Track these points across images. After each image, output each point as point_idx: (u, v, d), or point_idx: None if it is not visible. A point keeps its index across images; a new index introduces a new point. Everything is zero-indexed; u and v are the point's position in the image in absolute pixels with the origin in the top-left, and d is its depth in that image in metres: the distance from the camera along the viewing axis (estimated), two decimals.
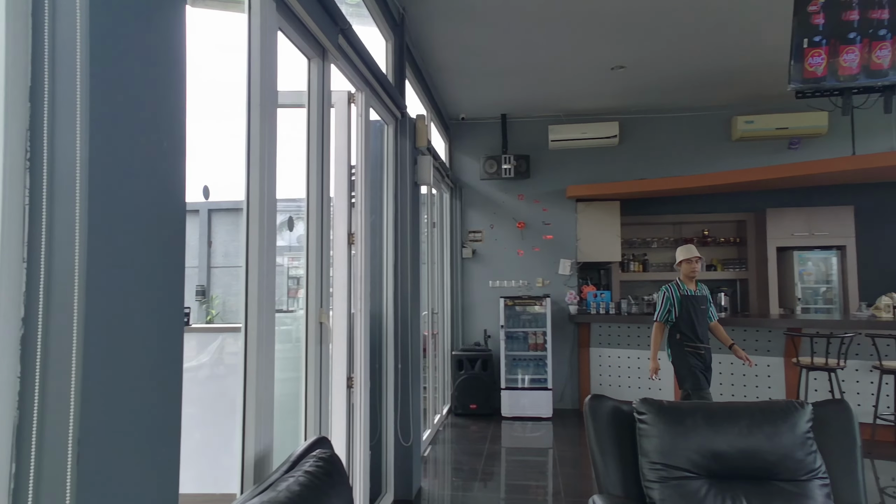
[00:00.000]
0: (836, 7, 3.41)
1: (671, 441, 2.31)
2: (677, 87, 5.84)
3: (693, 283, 4.40)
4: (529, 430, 5.76)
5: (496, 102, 6.33)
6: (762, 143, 6.27)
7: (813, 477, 2.21)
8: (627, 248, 7.26)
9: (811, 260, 6.71)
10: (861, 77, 3.43)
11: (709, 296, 4.44)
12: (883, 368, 4.68)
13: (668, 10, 4.15)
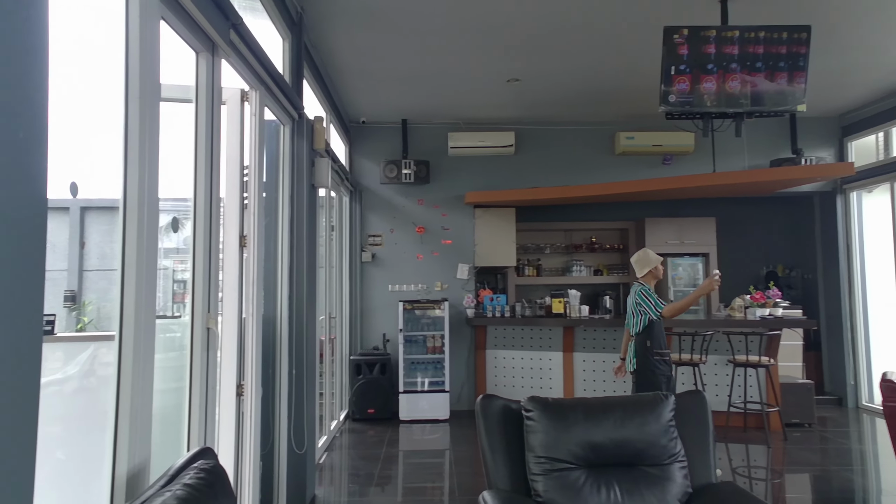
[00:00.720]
0: (697, 40, 3.82)
1: (555, 436, 2.46)
2: (568, 102, 6.22)
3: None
4: (427, 432, 5.84)
5: (397, 107, 6.38)
6: (641, 157, 6.84)
7: (674, 461, 2.45)
8: (522, 254, 7.60)
9: (682, 265, 7.41)
10: (718, 103, 3.87)
11: None
12: (735, 362, 5.28)
13: (557, 31, 4.42)
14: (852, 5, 4.10)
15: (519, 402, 2.58)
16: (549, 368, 6.18)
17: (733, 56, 3.81)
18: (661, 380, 3.96)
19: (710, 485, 2.51)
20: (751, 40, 3.82)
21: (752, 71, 3.85)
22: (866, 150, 6.66)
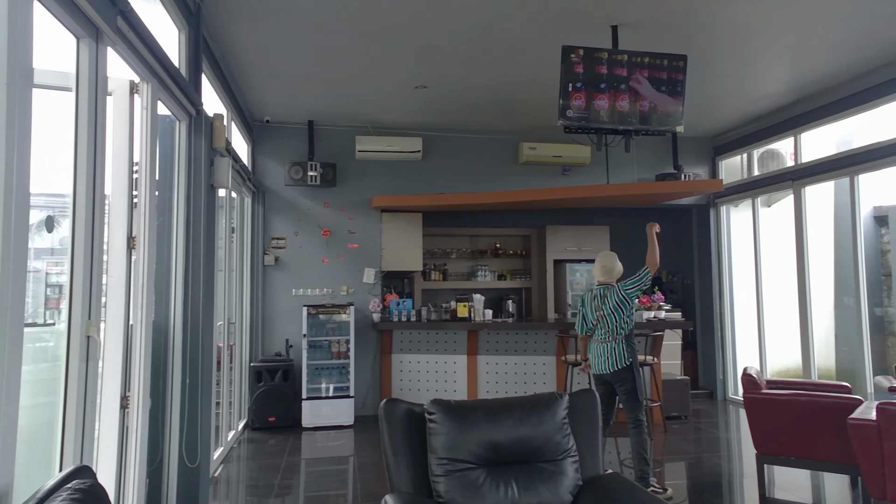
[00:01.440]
0: (592, 61, 4.10)
1: (456, 437, 2.52)
2: (475, 111, 6.39)
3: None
4: (331, 439, 5.74)
5: (304, 108, 6.24)
6: (543, 167, 7.17)
7: (567, 456, 2.60)
8: (429, 258, 7.69)
9: (579, 271, 7.85)
10: (610, 120, 4.17)
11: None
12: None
13: (463, 42, 4.55)
14: (722, 40, 4.58)
15: (422, 406, 2.61)
16: (454, 372, 6.30)
17: (623, 78, 4.13)
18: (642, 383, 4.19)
19: (597, 476, 2.68)
20: (637, 64, 4.16)
21: (638, 93, 4.18)
22: (734, 169, 7.44)
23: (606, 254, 4.36)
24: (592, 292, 4.27)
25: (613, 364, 4.05)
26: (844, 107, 5.62)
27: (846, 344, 6.14)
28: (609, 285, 4.20)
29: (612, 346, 4.06)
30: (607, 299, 4.12)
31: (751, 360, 6.93)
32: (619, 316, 4.07)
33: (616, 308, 4.08)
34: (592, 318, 4.20)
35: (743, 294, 7.23)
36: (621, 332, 4.07)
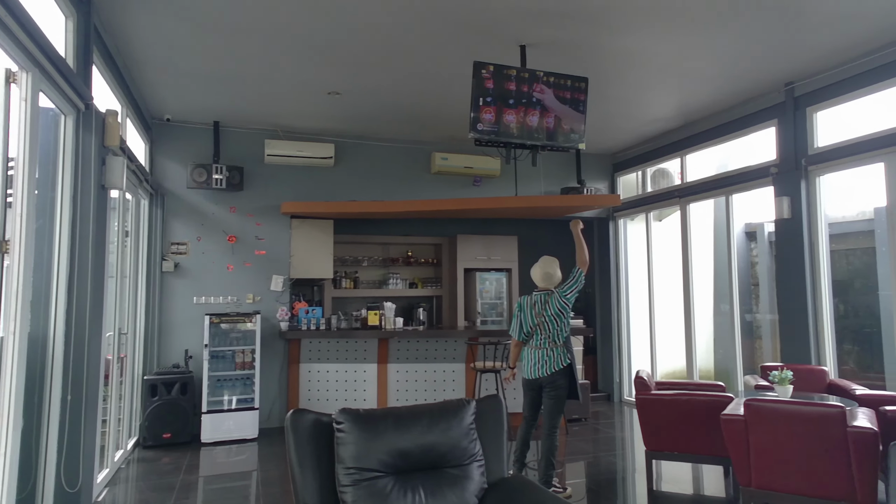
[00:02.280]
0: (501, 77, 4.28)
1: (365, 446, 2.51)
2: (388, 120, 6.42)
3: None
4: (233, 454, 5.48)
5: (209, 107, 5.96)
6: (454, 178, 7.32)
7: (473, 460, 2.67)
8: (340, 266, 7.58)
9: (488, 280, 8.07)
10: (518, 135, 4.36)
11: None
12: None
13: (376, 50, 4.57)
14: (618, 67, 4.94)
15: (331, 416, 2.58)
16: (364, 380, 6.24)
17: (530, 95, 4.34)
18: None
19: (502, 479, 2.77)
20: (543, 83, 4.39)
21: (544, 111, 4.40)
22: (631, 185, 8.00)
23: (547, 260, 4.32)
24: (532, 297, 4.21)
25: (550, 367, 4.03)
26: (722, 133, 6.23)
27: (722, 347, 6.78)
28: (549, 291, 4.18)
29: (549, 351, 4.05)
30: (549, 305, 4.11)
31: (644, 363, 7.46)
32: (560, 321, 4.09)
33: (557, 313, 4.08)
34: (532, 323, 4.13)
35: (638, 302, 7.77)
36: (561, 336, 4.08)
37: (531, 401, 4.22)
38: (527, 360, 4.17)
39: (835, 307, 5.26)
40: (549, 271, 4.24)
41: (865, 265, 6.00)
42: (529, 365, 4.15)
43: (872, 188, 4.86)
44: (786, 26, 4.25)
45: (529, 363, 4.15)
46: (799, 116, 5.31)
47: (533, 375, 4.12)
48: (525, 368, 4.20)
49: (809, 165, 5.21)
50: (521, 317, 4.21)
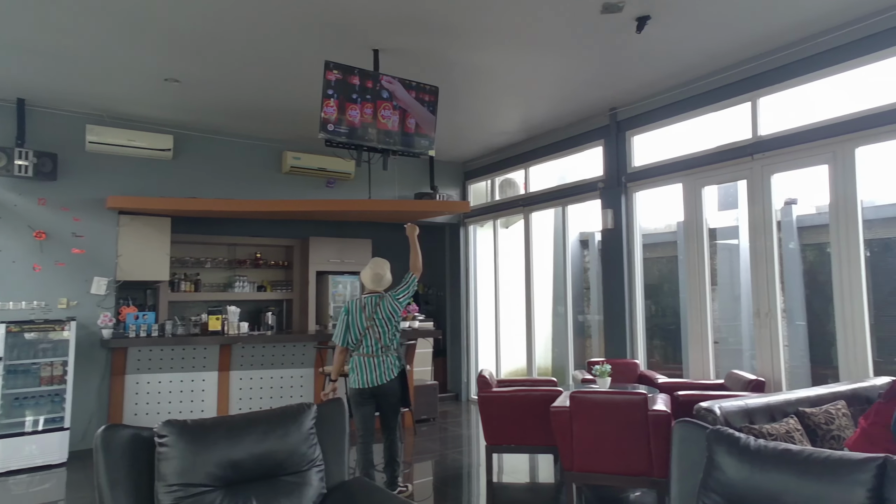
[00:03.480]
0: (353, 78, 4.28)
1: (192, 460, 2.33)
2: (234, 114, 6.06)
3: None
4: (34, 483, 4.75)
5: (9, 81, 5.13)
6: (307, 178, 7.13)
7: (312, 466, 2.61)
8: (179, 267, 6.98)
9: (342, 283, 7.96)
10: (368, 139, 4.37)
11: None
12: None
13: (221, 40, 4.30)
14: (468, 79, 5.19)
15: (152, 429, 2.36)
16: (203, 390, 5.79)
17: (382, 99, 4.38)
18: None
19: (342, 483, 2.75)
20: (395, 88, 4.46)
21: (395, 115, 4.48)
22: (481, 192, 8.43)
23: (377, 261, 4.18)
24: (360, 301, 4.00)
25: (387, 374, 3.89)
26: (560, 148, 6.83)
27: (558, 346, 7.40)
28: (379, 294, 4.04)
29: (382, 358, 3.90)
30: (380, 308, 3.95)
31: (490, 363, 7.88)
32: (391, 325, 3.95)
33: (389, 317, 3.95)
34: (362, 327, 3.93)
35: (486, 305, 8.19)
36: (393, 341, 3.96)
37: (366, 413, 3.96)
38: (358, 368, 3.92)
39: (647, 308, 6.02)
40: (379, 272, 4.09)
41: (671, 271, 6.97)
42: (362, 374, 3.89)
43: (676, 205, 5.64)
44: (609, 58, 4.78)
45: (361, 372, 3.90)
46: (620, 138, 6.01)
47: (366, 384, 3.88)
48: (355, 378, 3.93)
49: (628, 182, 5.92)
50: (349, 321, 3.96)
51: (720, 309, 6.28)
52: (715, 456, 2.20)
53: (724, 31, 4.33)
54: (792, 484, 1.95)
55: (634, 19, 4.06)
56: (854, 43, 4.17)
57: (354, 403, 3.94)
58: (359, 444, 3.98)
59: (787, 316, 5.94)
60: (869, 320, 4.15)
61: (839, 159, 4.28)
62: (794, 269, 6.09)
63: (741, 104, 4.94)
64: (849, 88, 4.36)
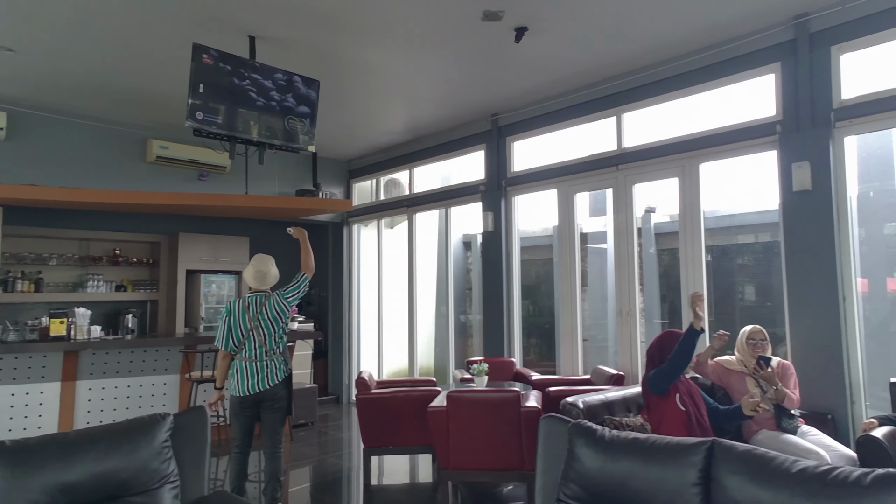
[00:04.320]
0: (226, 65, 3.98)
1: (9, 487, 2.03)
2: (87, 94, 5.43)
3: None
4: None
5: None
6: (176, 169, 6.57)
7: (164, 483, 2.39)
8: (15, 264, 6.13)
9: (216, 282, 7.45)
10: (242, 130, 4.11)
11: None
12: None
13: (68, 6, 3.82)
14: (352, 76, 5.08)
15: None
16: (40, 404, 5.09)
17: (257, 88, 4.13)
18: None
19: (201, 498, 2.55)
20: (272, 78, 4.24)
21: (272, 107, 4.25)
22: (366, 191, 8.31)
23: (260, 258, 3.86)
24: (245, 300, 3.70)
25: (272, 379, 3.64)
26: (445, 150, 6.92)
27: (440, 345, 7.50)
28: (265, 293, 3.77)
29: (266, 362, 3.64)
30: (266, 308, 3.67)
31: (372, 364, 7.79)
32: (277, 326, 3.70)
33: (276, 318, 3.69)
34: (245, 329, 3.64)
35: (369, 305, 8.08)
36: (279, 344, 3.72)
37: (246, 422, 3.67)
38: (239, 374, 3.62)
39: (525, 308, 6.27)
40: (262, 269, 3.80)
41: (547, 273, 7.34)
42: (242, 380, 3.60)
43: (553, 209, 5.93)
44: (491, 65, 4.92)
45: (242, 378, 3.61)
46: (501, 144, 6.22)
47: (249, 391, 3.59)
48: (235, 385, 3.61)
49: (508, 186, 6.13)
50: (231, 322, 3.65)
51: (590, 308, 6.73)
52: (575, 448, 2.32)
53: (593, 50, 4.63)
54: (638, 469, 2.10)
55: (513, 29, 4.20)
56: (701, 69, 4.64)
57: (233, 413, 3.68)
58: (234, 455, 3.72)
59: (646, 315, 6.49)
60: (709, 317, 4.64)
61: (687, 173, 4.76)
62: (652, 272, 6.68)
63: (608, 118, 5.32)
64: (696, 110, 4.85)
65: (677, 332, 3.44)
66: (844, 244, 3.91)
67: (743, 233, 6.45)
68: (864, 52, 3.95)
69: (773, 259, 5.57)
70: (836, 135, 3.96)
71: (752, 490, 1.82)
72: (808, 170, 3.98)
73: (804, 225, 4.03)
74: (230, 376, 3.70)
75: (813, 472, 1.72)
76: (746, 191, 5.64)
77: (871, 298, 4.75)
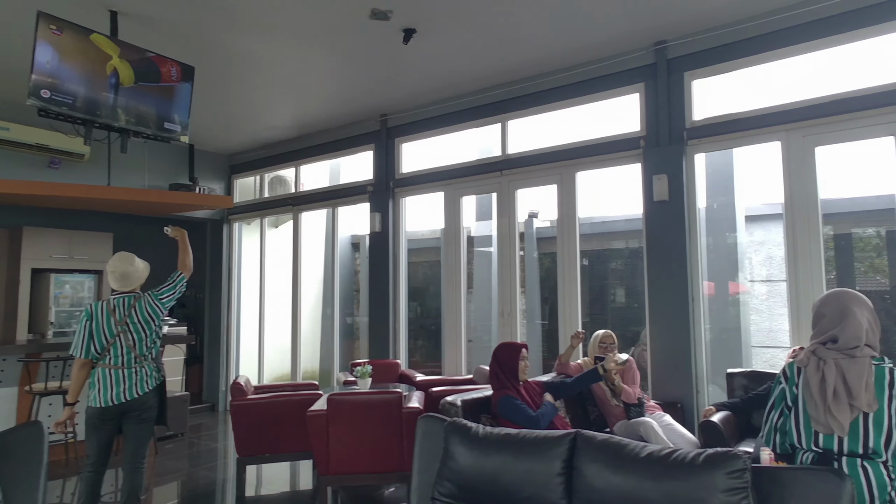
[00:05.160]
0: (81, 42, 3.55)
1: None
2: None
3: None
4: None
5: None
6: (21, 154, 5.80)
7: None
8: None
9: (70, 283, 6.68)
10: (100, 114, 3.71)
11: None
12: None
13: None
14: (235, 65, 4.80)
15: None
16: None
17: (120, 69, 3.75)
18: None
19: None
20: (138, 61, 3.88)
21: (136, 92, 3.89)
22: (249, 188, 7.90)
23: (121, 256, 3.51)
24: (109, 303, 3.37)
25: (140, 388, 3.33)
26: (333, 149, 6.75)
27: (325, 348, 7.30)
28: (133, 294, 3.45)
29: (135, 369, 3.34)
30: (136, 310, 3.38)
31: (252, 369, 7.41)
32: (150, 330, 3.41)
33: (147, 321, 3.39)
34: (110, 334, 3.31)
35: (250, 307, 7.68)
36: (152, 349, 3.43)
37: (105, 436, 3.32)
38: (102, 383, 3.30)
39: (412, 309, 6.30)
40: (125, 270, 3.46)
41: (435, 274, 7.43)
42: (106, 389, 3.28)
43: (440, 212, 6.00)
44: (380, 65, 4.89)
45: (106, 387, 3.28)
46: (390, 144, 6.20)
47: (113, 401, 3.27)
48: (96, 395, 3.28)
49: (396, 188, 6.13)
50: (93, 327, 3.31)
51: (476, 310, 6.91)
52: (450, 446, 2.35)
53: (480, 57, 4.76)
54: (509, 463, 2.17)
55: (402, 30, 4.21)
56: (578, 84, 4.95)
57: (91, 426, 3.32)
58: (86, 474, 3.32)
59: (528, 316, 6.80)
60: (582, 318, 4.95)
61: (564, 181, 5.05)
62: (534, 275, 7.01)
63: (494, 124, 5.50)
64: (575, 121, 5.17)
65: (509, 344, 3.54)
66: (694, 250, 4.35)
67: (616, 238, 6.97)
68: (713, 80, 4.44)
69: (639, 263, 6.09)
70: (688, 151, 4.41)
71: (608, 476, 1.95)
72: (666, 182, 4.39)
73: (662, 232, 4.43)
74: (90, 385, 3.34)
75: (658, 456, 1.88)
76: (619, 199, 6.10)
77: (715, 300, 5.35)
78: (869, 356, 2.01)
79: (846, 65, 3.97)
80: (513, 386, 3.35)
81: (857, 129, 3.80)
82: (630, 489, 1.88)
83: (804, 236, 3.93)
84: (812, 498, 1.71)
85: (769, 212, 5.50)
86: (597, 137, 4.88)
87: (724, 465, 1.76)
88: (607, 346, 3.94)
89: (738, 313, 5.43)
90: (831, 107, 3.84)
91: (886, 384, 1.97)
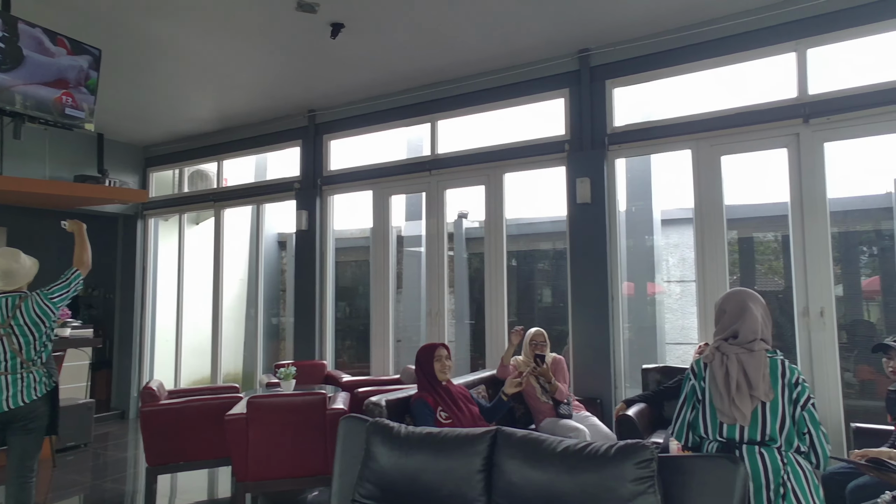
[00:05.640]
0: None
1: None
2: None
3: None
4: None
5: None
6: None
7: None
8: None
9: None
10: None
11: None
12: None
13: None
14: (147, 51, 4.52)
15: None
16: None
17: (12, 50, 3.43)
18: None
19: None
20: (32, 38, 3.57)
21: (33, 74, 3.58)
22: (167, 182, 7.48)
23: (6, 252, 3.27)
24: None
25: (27, 395, 3.11)
26: (259, 144, 6.50)
27: (249, 350, 7.04)
28: (19, 294, 3.21)
29: (20, 375, 3.13)
30: (21, 312, 3.14)
31: (168, 373, 7.01)
32: (39, 333, 3.17)
33: (36, 323, 3.15)
34: None
35: (167, 308, 7.26)
36: (40, 353, 3.20)
37: None
38: None
39: (341, 309, 6.18)
40: (10, 267, 3.21)
41: (364, 274, 7.33)
42: None
43: (369, 211, 5.93)
44: (308, 59, 4.76)
45: None
46: (318, 141, 6.06)
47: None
48: None
49: (323, 185, 6.00)
50: None
51: (406, 310, 6.88)
52: (371, 446, 2.31)
53: (409, 56, 4.74)
54: (430, 463, 2.17)
55: (329, 24, 4.12)
56: (507, 87, 5.03)
57: None
58: None
59: (457, 315, 6.85)
60: (509, 317, 5.04)
61: (492, 182, 5.12)
62: (462, 275, 7.07)
63: (423, 124, 5.50)
64: (503, 123, 5.26)
65: (428, 345, 3.35)
66: (614, 252, 4.54)
67: (542, 240, 7.16)
68: (632, 88, 4.65)
69: (564, 264, 6.28)
70: (609, 156, 4.59)
71: (526, 471, 1.99)
72: (589, 185, 4.55)
73: (585, 233, 4.59)
74: None
75: (573, 450, 1.94)
76: (545, 201, 6.27)
77: (634, 300, 5.61)
78: (763, 349, 2.17)
79: (750, 80, 4.29)
80: (432, 387, 3.30)
81: (756, 141, 4.10)
82: (547, 483, 1.93)
83: (711, 239, 4.19)
84: (710, 483, 1.82)
85: (683, 216, 5.84)
86: (524, 140, 4.99)
87: (633, 456, 1.84)
88: (538, 343, 4.00)
89: (654, 312, 5.72)
90: (735, 119, 4.12)
91: (780, 374, 2.13)
